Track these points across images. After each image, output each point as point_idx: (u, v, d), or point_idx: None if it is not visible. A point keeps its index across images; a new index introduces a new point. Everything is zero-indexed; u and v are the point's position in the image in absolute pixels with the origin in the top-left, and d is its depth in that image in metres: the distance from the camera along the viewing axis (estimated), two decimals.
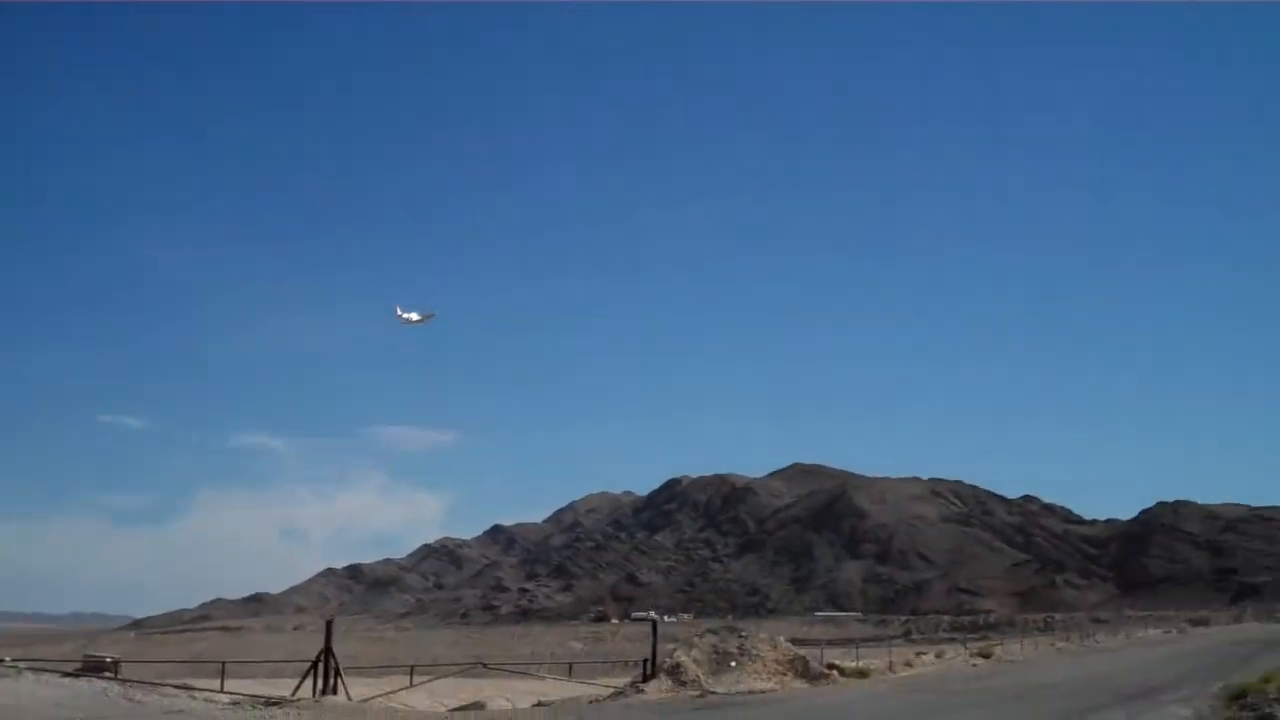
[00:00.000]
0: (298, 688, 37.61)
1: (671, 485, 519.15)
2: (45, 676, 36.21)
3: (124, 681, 36.76)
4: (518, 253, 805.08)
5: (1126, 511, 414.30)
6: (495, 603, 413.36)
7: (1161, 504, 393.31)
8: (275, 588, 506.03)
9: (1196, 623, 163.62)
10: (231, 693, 37.22)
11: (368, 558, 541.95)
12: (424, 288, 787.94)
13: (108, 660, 40.80)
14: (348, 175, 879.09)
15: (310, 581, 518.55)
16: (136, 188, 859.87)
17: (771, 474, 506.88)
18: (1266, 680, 39.69)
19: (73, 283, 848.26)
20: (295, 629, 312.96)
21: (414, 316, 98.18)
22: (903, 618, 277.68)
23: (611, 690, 44.51)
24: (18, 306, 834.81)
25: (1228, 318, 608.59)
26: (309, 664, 38.67)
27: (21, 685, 33.77)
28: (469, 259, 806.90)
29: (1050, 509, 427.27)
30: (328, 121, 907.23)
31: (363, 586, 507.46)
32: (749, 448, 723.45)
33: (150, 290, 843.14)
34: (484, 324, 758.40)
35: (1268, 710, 31.29)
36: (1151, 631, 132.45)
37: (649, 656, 46.88)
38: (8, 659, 38.85)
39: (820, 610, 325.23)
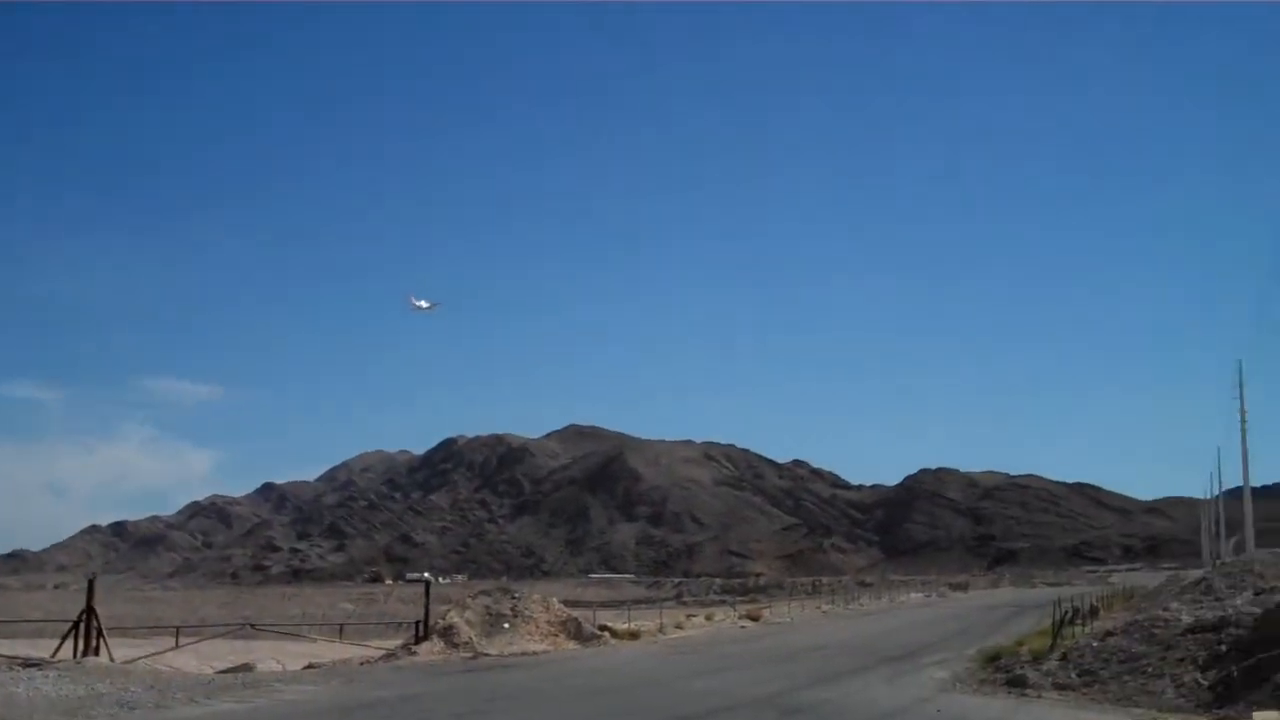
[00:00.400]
0: (58, 649, 36.59)
1: (448, 445, 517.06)
2: None
3: None
4: (292, 203, 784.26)
5: (892, 478, 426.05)
6: (266, 562, 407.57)
7: (925, 471, 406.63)
8: (36, 545, 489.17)
9: (956, 587, 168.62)
10: None
11: (134, 514, 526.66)
12: (196, 235, 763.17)
13: None
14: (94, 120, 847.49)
15: (73, 539, 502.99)
16: None
17: (548, 435, 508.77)
18: (1019, 644, 41.34)
19: None
20: (56, 588, 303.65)
21: (423, 304, 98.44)
22: (675, 580, 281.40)
23: (383, 652, 44.24)
24: None
25: (991, 290, 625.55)
26: (70, 624, 37.65)
27: None
28: (248, 205, 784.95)
29: (819, 474, 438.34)
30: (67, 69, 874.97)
31: (128, 544, 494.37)
32: (526, 408, 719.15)
33: None
34: (257, 274, 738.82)
35: (1019, 672, 32.57)
36: (914, 595, 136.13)
37: (422, 618, 46.71)
38: None
39: (594, 572, 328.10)
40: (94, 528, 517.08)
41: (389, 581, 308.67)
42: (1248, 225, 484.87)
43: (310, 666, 40.17)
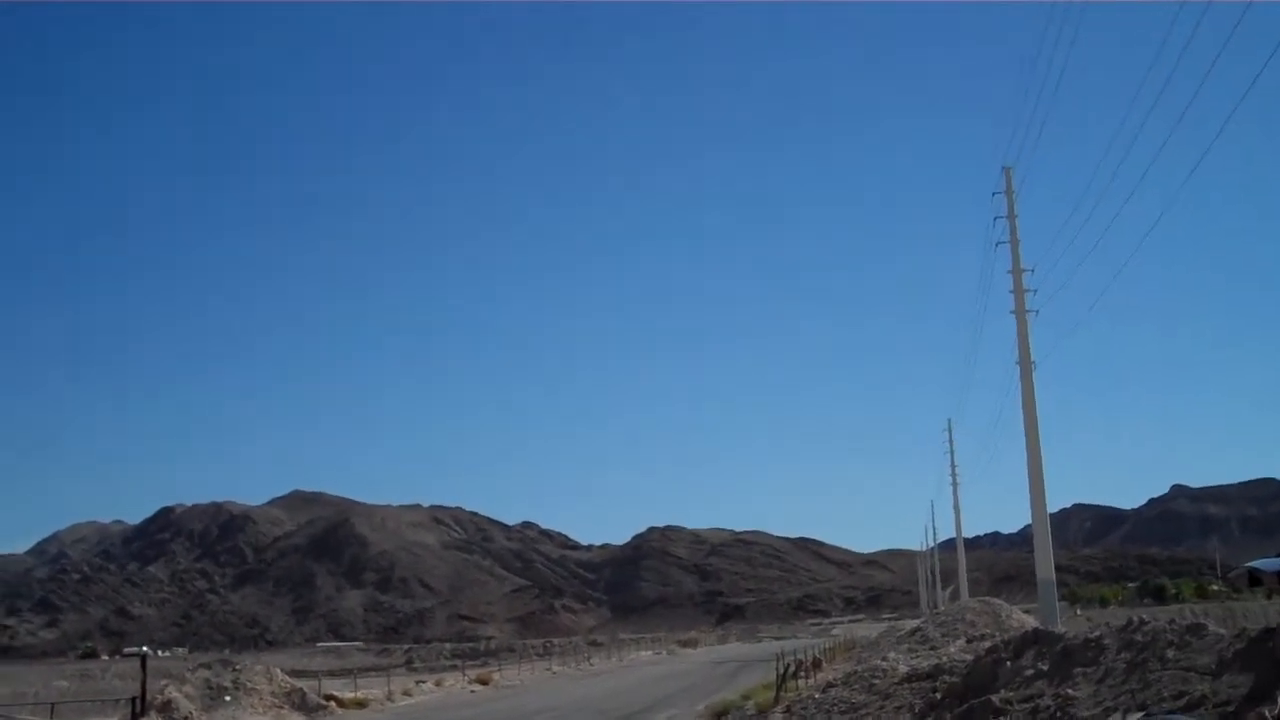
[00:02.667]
0: None
1: (165, 513, 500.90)
2: None
3: None
4: None
5: (620, 537, 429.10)
6: None
7: (653, 529, 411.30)
8: None
9: (686, 644, 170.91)
10: None
11: None
12: None
13: None
14: None
15: None
16: None
17: (270, 501, 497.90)
18: (745, 698, 42.08)
19: None
20: None
21: None
22: (405, 646, 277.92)
23: None
24: None
25: (712, 349, 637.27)
26: None
27: None
28: None
29: (548, 535, 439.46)
30: None
31: None
32: (245, 475, 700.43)
33: None
34: None
35: None
36: (644, 653, 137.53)
37: (138, 694, 45.25)
38: None
39: (322, 640, 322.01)
40: None
41: (105, 657, 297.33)
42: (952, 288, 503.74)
43: None
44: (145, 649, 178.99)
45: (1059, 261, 61.12)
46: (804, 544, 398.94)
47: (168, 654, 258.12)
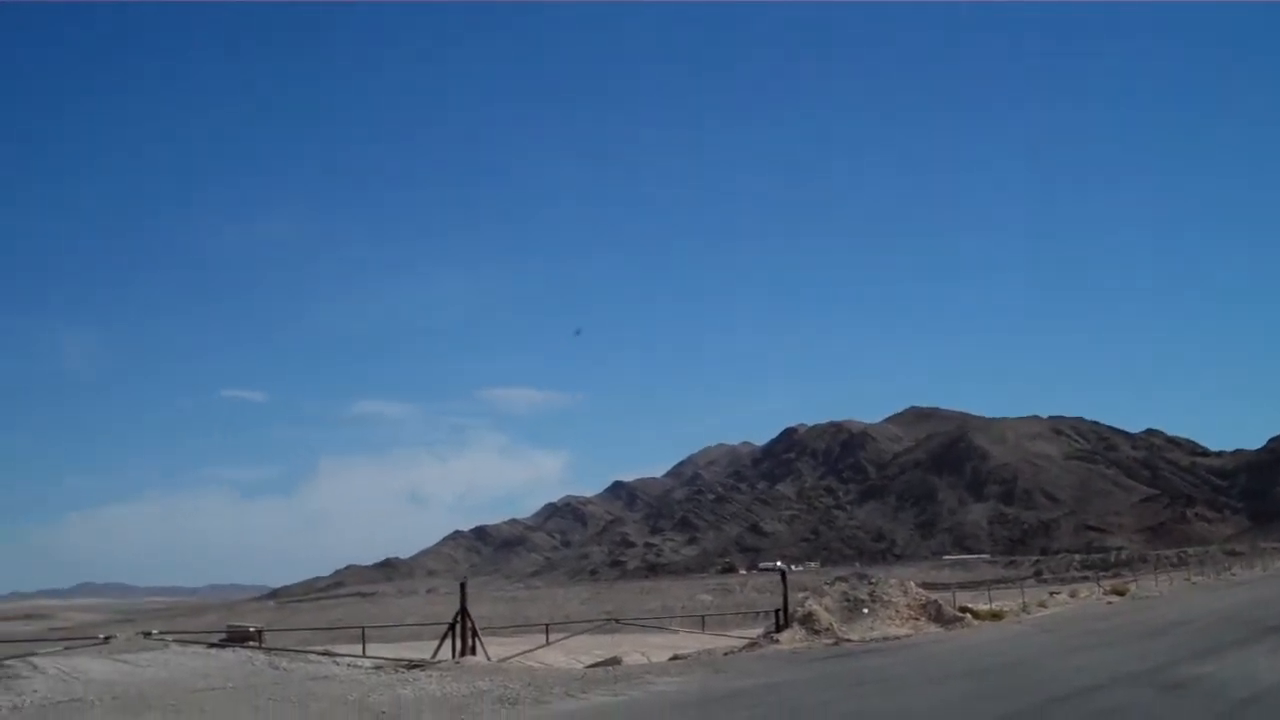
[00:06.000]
0: (437, 650, 38.12)
1: (788, 434, 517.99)
2: (192, 648, 36.99)
3: (268, 650, 37.47)
4: (613, 214, 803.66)
5: (1254, 441, 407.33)
6: (622, 558, 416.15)
7: None
8: (405, 552, 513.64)
9: None
10: (373, 657, 37.83)
11: (492, 519, 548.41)
12: (511, 256, 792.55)
13: (251, 630, 41.40)
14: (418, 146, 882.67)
15: (439, 545, 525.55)
16: (250, 181, 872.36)
17: (887, 419, 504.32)
18: None
19: (185, 265, 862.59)
20: (428, 592, 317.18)
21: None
22: (1032, 558, 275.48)
23: (745, 641, 44.62)
24: (136, 293, 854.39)
25: None
26: (445, 626, 39.18)
27: (170, 657, 34.52)
28: (565, 220, 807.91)
29: (1175, 442, 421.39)
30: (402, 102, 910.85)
31: (490, 547, 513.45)
32: (862, 393, 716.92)
33: (256, 269, 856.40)
34: (588, 282, 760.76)
35: None
36: None
37: (780, 606, 46.88)
38: (154, 632, 39.73)
39: (947, 554, 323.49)
40: (457, 533, 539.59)
41: (742, 571, 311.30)
42: None
43: (675, 658, 40.79)
44: (781, 564, 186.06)
45: None
46: None
47: (800, 568, 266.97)
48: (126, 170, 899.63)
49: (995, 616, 52.79)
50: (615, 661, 41.45)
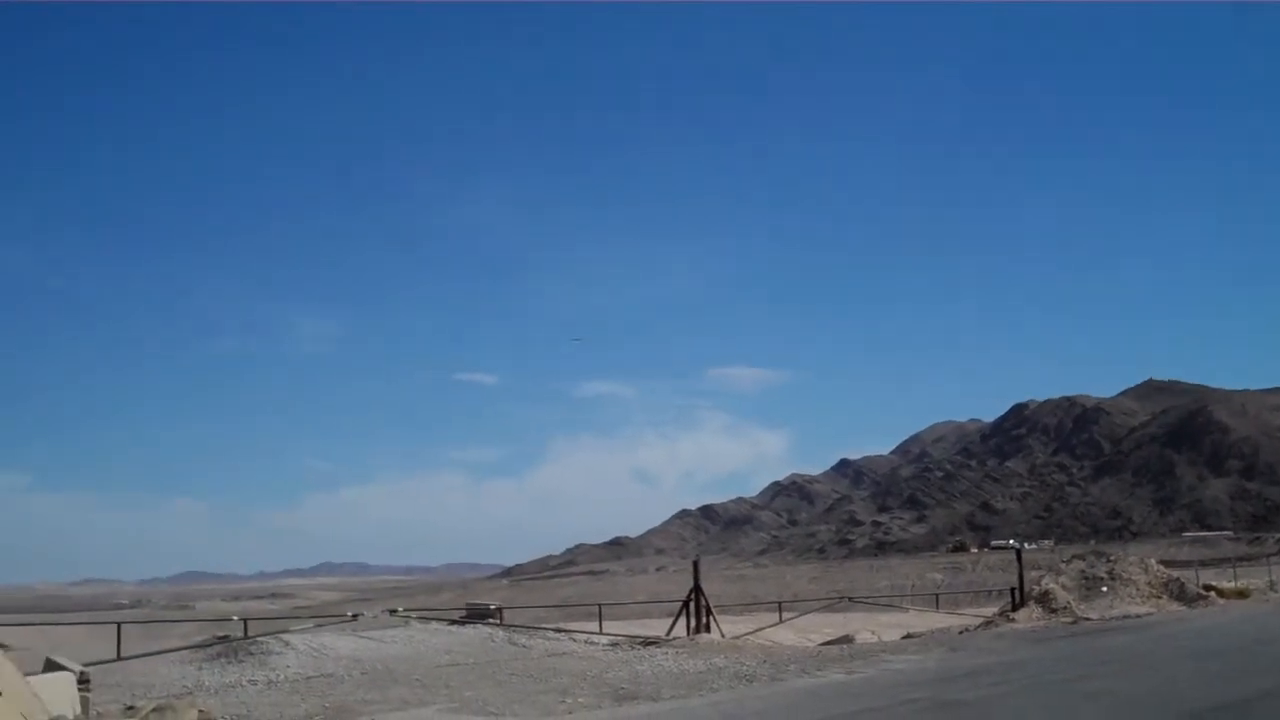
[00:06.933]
0: (671, 627, 38.55)
1: (1018, 410, 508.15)
2: (433, 625, 38.09)
3: (506, 627, 38.38)
4: (831, 191, 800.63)
5: None
6: (850, 536, 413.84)
7: None
8: (633, 531, 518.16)
9: None
10: (609, 634, 38.43)
11: (717, 497, 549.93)
12: (732, 235, 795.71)
13: (490, 607, 42.35)
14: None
15: (667, 523, 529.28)
16: (474, 164, 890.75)
17: (1122, 393, 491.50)
18: None
19: (417, 252, 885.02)
20: (657, 570, 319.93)
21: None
22: (1277, 535, 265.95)
23: (980, 620, 44.18)
24: (377, 283, 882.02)
25: None
26: (678, 604, 39.62)
27: (413, 633, 35.66)
28: (782, 200, 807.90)
29: None
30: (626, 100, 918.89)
31: (717, 526, 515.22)
32: (1094, 367, 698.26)
33: (482, 253, 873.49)
34: (809, 261, 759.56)
35: None
36: None
37: (1015, 585, 46.30)
38: (400, 609, 40.98)
39: (1187, 531, 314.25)
40: (684, 512, 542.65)
41: (974, 550, 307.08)
42: None
43: (908, 636, 40.62)
44: (1014, 542, 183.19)
45: None
46: None
47: (1033, 546, 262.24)
48: (371, 156, 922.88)
49: (1241, 595, 51.34)
50: (848, 640, 41.47)
